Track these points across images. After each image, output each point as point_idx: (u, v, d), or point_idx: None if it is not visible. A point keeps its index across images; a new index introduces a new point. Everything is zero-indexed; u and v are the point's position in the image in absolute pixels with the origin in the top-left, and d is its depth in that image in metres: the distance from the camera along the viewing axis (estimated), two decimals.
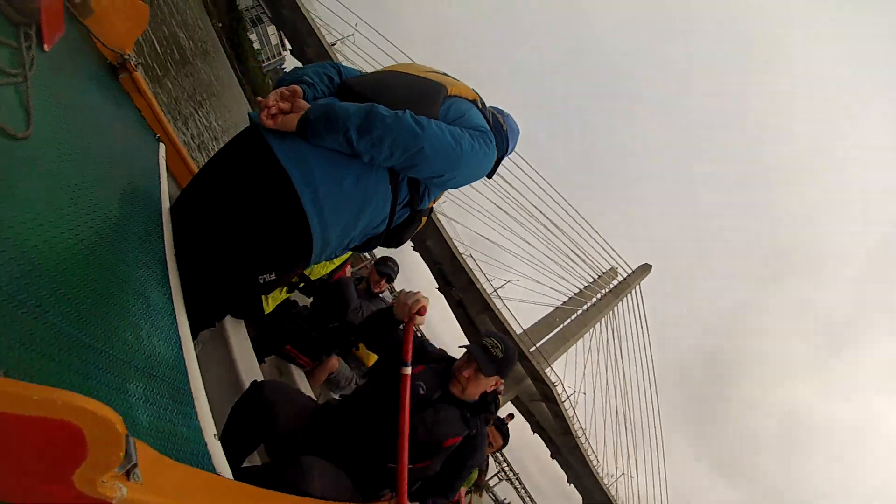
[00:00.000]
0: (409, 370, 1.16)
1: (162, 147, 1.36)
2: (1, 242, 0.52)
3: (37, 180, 0.67)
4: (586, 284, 32.59)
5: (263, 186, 0.94)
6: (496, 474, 40.82)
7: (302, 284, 2.03)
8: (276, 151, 0.93)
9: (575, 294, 32.39)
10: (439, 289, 26.20)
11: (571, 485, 39.42)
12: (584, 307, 32.86)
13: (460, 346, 1.36)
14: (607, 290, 33.54)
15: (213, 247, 0.99)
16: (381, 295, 2.55)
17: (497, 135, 1.15)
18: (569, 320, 31.89)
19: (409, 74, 1.15)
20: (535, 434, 34.82)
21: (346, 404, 1.37)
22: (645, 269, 35.89)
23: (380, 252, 2.21)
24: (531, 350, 27.73)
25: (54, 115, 0.81)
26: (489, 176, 1.23)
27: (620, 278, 34.40)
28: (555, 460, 37.17)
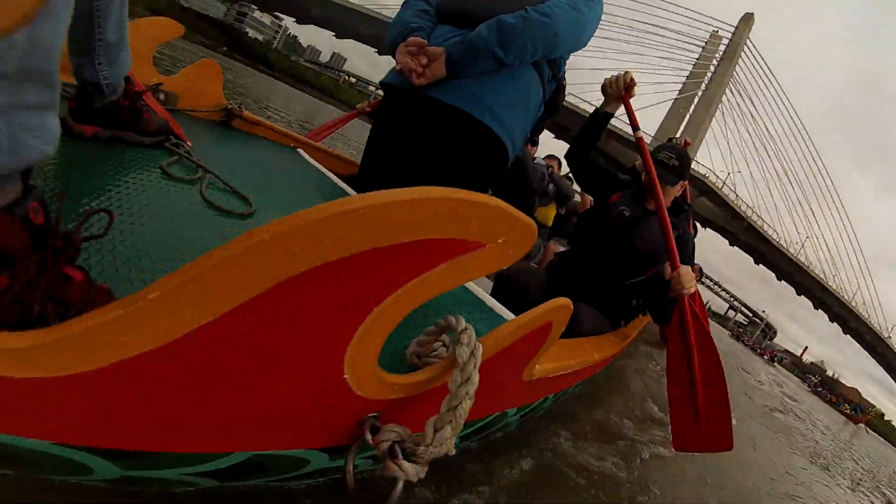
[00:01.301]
0: (640, 133, 1.38)
1: (301, 151, 1.54)
2: None
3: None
4: (694, 62, 30.51)
5: (451, 128, 1.07)
6: None
7: None
8: (446, 100, 1.04)
9: (687, 78, 30.65)
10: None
11: (760, 265, 39.00)
12: (703, 86, 31.12)
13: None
14: (718, 59, 31.04)
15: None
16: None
17: None
18: (692, 106, 30.58)
19: None
20: (707, 228, 34.82)
21: (572, 252, 1.62)
22: (747, 19, 32.30)
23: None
24: None
25: (246, 182, 0.93)
26: None
27: (726, 41, 31.40)
28: (734, 247, 36.97)
